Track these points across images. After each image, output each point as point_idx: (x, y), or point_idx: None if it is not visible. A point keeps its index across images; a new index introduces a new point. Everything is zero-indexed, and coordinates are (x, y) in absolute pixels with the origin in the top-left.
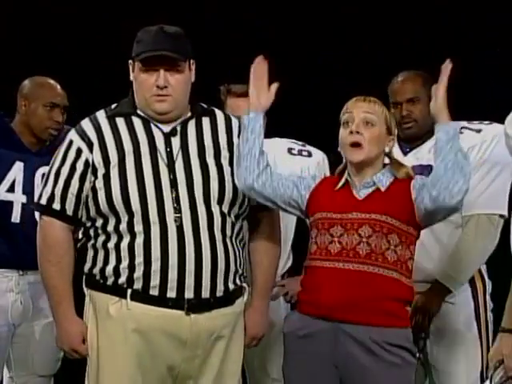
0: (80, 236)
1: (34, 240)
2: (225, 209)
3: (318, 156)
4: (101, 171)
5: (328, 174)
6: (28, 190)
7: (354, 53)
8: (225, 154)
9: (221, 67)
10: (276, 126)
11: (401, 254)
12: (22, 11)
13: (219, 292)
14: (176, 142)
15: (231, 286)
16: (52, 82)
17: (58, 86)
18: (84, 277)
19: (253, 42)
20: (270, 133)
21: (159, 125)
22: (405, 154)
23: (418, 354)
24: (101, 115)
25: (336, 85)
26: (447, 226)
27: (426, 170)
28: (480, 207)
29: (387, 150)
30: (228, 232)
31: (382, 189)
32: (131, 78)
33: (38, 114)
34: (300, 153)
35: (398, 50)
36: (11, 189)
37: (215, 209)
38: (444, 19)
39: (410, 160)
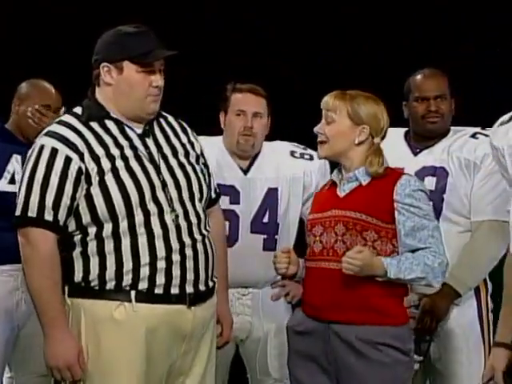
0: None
1: None
2: (203, 206)
3: (320, 160)
4: (95, 178)
5: (328, 177)
6: None
7: (354, 53)
8: (192, 153)
9: (221, 67)
10: (277, 126)
11: (381, 249)
12: (21, 11)
13: (210, 283)
14: (151, 143)
15: (214, 278)
16: (45, 84)
17: (51, 89)
18: (69, 287)
19: (253, 41)
20: (271, 133)
21: (132, 126)
22: (415, 154)
23: (421, 357)
24: (73, 121)
25: (336, 85)
26: (455, 228)
27: (438, 171)
28: (492, 213)
29: (357, 141)
30: (208, 227)
31: (364, 183)
32: (108, 80)
33: (28, 117)
34: (302, 156)
35: (398, 50)
36: (12, 181)
37: (199, 207)
38: (444, 19)
39: (422, 160)
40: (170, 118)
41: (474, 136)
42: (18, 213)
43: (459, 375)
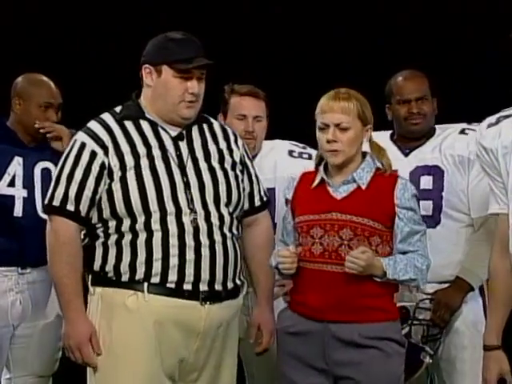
0: (82, 236)
1: (37, 234)
2: (231, 210)
3: None
4: (117, 174)
5: None
6: (28, 184)
7: (354, 52)
8: (227, 159)
9: (220, 67)
10: (277, 126)
11: (382, 252)
12: (21, 11)
13: (229, 285)
14: (184, 145)
15: (237, 281)
16: (46, 79)
17: (53, 85)
18: (91, 275)
19: (253, 41)
20: (271, 134)
21: (167, 128)
22: (406, 155)
23: (432, 352)
24: (109, 118)
25: (336, 85)
26: (456, 224)
27: (432, 170)
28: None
29: (365, 140)
30: (234, 231)
31: (363, 187)
32: (148, 82)
33: (33, 114)
34: (301, 155)
35: (397, 50)
36: (11, 183)
37: (224, 210)
38: (444, 19)
39: (414, 160)
40: (216, 124)
41: (463, 132)
42: (46, 201)
43: (464, 372)
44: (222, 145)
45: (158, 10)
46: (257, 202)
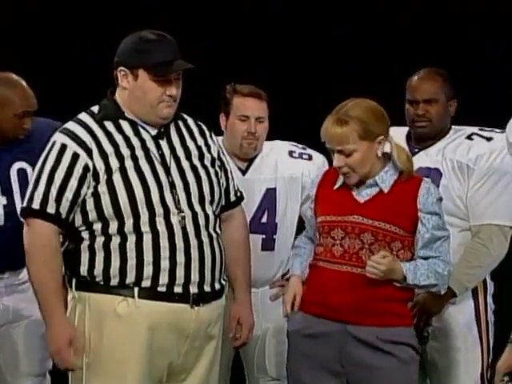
0: (62, 239)
1: (18, 240)
2: (214, 208)
3: (319, 159)
4: (103, 176)
5: None
6: (6, 189)
7: (354, 52)
8: (207, 155)
9: (220, 67)
10: (276, 127)
11: (403, 257)
12: (21, 11)
13: (216, 285)
14: (164, 144)
15: (223, 281)
16: (23, 84)
17: (28, 90)
18: (75, 280)
19: (253, 41)
20: (271, 134)
21: (147, 127)
22: (413, 154)
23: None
24: (88, 119)
25: (336, 85)
26: (452, 228)
27: (432, 172)
28: (491, 218)
29: (379, 153)
30: (218, 230)
31: (385, 190)
32: (124, 84)
33: (8, 121)
34: (301, 156)
35: (397, 50)
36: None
37: (208, 209)
38: (444, 19)
39: (417, 161)
40: (190, 121)
41: (469, 137)
42: (24, 204)
43: (456, 375)
44: (200, 141)
45: (158, 10)
46: (232, 198)
